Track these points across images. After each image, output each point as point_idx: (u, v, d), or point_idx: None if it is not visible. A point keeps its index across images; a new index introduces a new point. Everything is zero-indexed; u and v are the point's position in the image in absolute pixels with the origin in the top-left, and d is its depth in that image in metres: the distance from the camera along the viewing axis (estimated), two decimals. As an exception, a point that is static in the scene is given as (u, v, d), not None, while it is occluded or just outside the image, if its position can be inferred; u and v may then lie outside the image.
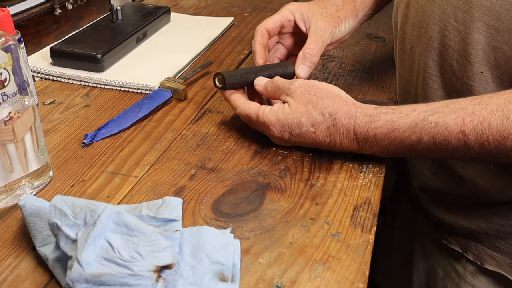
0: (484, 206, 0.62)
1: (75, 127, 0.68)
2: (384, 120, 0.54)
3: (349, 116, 0.56)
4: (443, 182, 0.65)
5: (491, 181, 0.59)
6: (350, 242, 0.49)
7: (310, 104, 0.57)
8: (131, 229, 0.42)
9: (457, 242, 0.66)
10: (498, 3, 0.50)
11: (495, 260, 0.63)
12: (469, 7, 0.52)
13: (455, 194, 0.64)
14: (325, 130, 0.57)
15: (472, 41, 0.53)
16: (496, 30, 0.51)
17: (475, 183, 0.61)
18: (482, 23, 0.52)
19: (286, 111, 0.58)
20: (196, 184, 0.57)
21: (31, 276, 0.46)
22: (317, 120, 0.57)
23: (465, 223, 0.63)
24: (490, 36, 0.52)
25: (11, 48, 0.50)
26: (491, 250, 0.63)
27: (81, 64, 0.81)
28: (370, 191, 0.56)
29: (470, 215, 0.63)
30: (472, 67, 0.54)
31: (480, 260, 0.64)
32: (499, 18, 0.51)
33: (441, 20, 0.56)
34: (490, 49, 0.53)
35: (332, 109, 0.56)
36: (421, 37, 0.59)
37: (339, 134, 0.56)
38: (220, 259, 0.45)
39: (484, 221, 0.62)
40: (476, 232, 0.63)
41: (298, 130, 0.58)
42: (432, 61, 0.58)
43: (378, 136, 0.54)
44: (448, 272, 0.68)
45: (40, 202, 0.48)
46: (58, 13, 0.94)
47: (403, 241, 0.80)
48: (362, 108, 0.56)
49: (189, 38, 0.95)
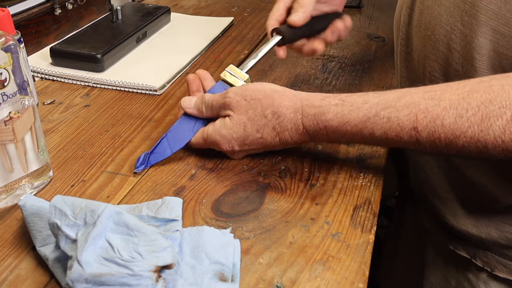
0: (495, 214, 0.60)
1: (75, 127, 0.68)
2: (334, 112, 0.52)
3: (294, 110, 0.54)
4: (453, 186, 0.64)
5: (504, 187, 0.58)
6: (350, 242, 0.49)
7: (250, 110, 0.56)
8: (131, 229, 0.42)
9: (464, 248, 0.65)
10: (506, 7, 0.49)
11: (506, 267, 0.61)
12: (476, 11, 0.51)
13: (465, 199, 0.63)
14: (272, 131, 0.56)
15: (477, 45, 0.52)
16: (503, 35, 0.50)
17: (486, 188, 0.59)
18: (489, 28, 0.51)
19: (229, 126, 0.57)
20: (196, 184, 0.57)
21: (31, 276, 0.46)
22: (261, 123, 0.55)
23: (474, 231, 0.62)
24: (496, 41, 0.51)
25: (11, 48, 0.50)
26: (501, 258, 0.61)
27: (81, 64, 0.81)
28: (370, 191, 0.56)
29: (480, 223, 0.61)
30: (477, 72, 0.53)
31: (490, 267, 0.62)
32: (506, 23, 0.49)
33: (448, 23, 0.54)
34: (495, 54, 0.51)
35: (274, 108, 0.55)
36: (427, 39, 0.58)
37: (287, 130, 0.55)
38: (220, 259, 0.45)
39: (495, 230, 0.60)
40: (486, 240, 0.61)
41: (246, 140, 0.57)
42: (438, 65, 0.57)
43: (328, 129, 0.53)
44: (461, 282, 0.66)
45: (40, 202, 0.48)
46: (58, 13, 0.94)
47: (410, 245, 0.79)
48: (307, 99, 0.54)
49: (189, 38, 0.95)
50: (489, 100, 0.45)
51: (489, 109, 0.45)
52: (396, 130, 0.49)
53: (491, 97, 0.45)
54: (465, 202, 0.63)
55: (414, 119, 0.48)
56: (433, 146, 0.49)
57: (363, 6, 1.11)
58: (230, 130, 0.57)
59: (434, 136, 0.48)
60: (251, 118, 0.56)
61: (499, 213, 0.59)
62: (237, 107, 0.56)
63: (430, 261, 0.73)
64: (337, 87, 0.78)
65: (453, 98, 0.47)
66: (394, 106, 0.50)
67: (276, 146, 0.57)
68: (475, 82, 0.48)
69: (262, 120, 0.55)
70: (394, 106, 0.50)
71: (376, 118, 0.50)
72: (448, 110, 0.47)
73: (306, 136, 0.55)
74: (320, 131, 0.54)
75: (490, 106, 0.45)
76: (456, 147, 0.47)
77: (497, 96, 0.45)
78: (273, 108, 0.55)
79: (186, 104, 0.61)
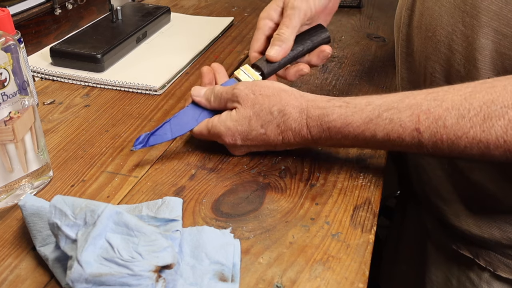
0: (498, 214, 0.60)
1: (75, 127, 0.68)
2: (338, 113, 0.52)
3: (300, 110, 0.54)
4: (456, 187, 0.63)
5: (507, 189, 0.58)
6: (350, 242, 0.49)
7: (257, 105, 0.56)
8: (131, 229, 0.42)
9: (467, 248, 0.65)
10: (507, 8, 0.49)
11: (509, 267, 0.61)
12: (477, 12, 0.51)
13: (468, 200, 0.63)
14: (276, 128, 0.56)
15: (479, 46, 0.52)
16: (505, 36, 0.50)
17: (489, 189, 0.59)
18: (490, 29, 0.50)
19: (234, 118, 0.57)
20: (196, 184, 0.57)
21: (31, 276, 0.46)
22: (266, 119, 0.56)
23: (477, 232, 0.62)
24: (498, 42, 0.51)
25: (11, 48, 0.50)
26: (504, 258, 0.61)
27: (81, 64, 0.81)
28: (370, 191, 0.56)
29: (483, 223, 0.61)
30: (479, 73, 0.53)
31: (493, 266, 0.62)
32: (508, 24, 0.49)
33: (449, 24, 0.54)
34: (497, 55, 0.51)
35: (280, 105, 0.55)
36: (428, 40, 0.58)
37: (291, 130, 0.55)
38: (220, 259, 0.45)
39: (497, 230, 0.60)
40: (489, 240, 0.61)
41: (249, 135, 0.57)
42: (439, 66, 0.57)
43: (332, 130, 0.53)
44: (462, 281, 0.66)
45: (40, 202, 0.48)
46: (58, 13, 0.94)
47: (412, 245, 0.78)
48: (313, 100, 0.55)
49: (189, 38, 0.95)
50: (491, 100, 0.45)
51: (491, 109, 0.45)
52: (398, 132, 0.49)
53: (493, 97, 0.45)
54: (468, 203, 0.62)
55: (416, 120, 0.48)
56: (435, 148, 0.48)
57: (363, 6, 1.11)
58: (236, 122, 0.57)
59: (436, 137, 0.48)
60: (256, 113, 0.56)
61: (502, 214, 0.59)
62: (244, 100, 0.57)
63: (432, 262, 0.73)
64: (337, 87, 0.78)
65: (455, 98, 0.47)
66: (396, 107, 0.50)
67: (278, 145, 0.57)
68: (478, 83, 0.48)
69: (268, 116, 0.55)
70: (397, 108, 0.50)
71: (379, 119, 0.50)
72: (450, 110, 0.47)
73: (308, 137, 0.55)
74: (323, 133, 0.54)
75: (492, 106, 0.45)
76: (458, 148, 0.47)
77: (499, 96, 0.45)
78: (280, 106, 0.55)
79: (196, 92, 0.62)
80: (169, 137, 0.60)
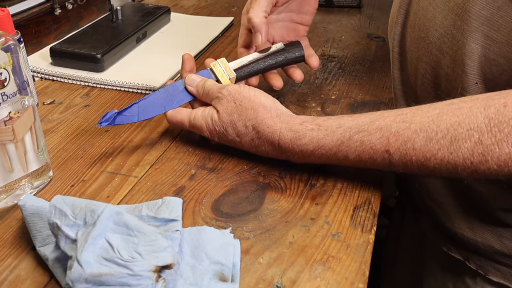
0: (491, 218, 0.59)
1: (75, 127, 0.68)
2: (310, 137, 0.54)
3: (273, 131, 0.55)
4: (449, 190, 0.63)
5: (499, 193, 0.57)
6: (350, 242, 0.49)
7: (235, 114, 0.57)
8: (131, 229, 0.42)
9: (458, 251, 0.64)
10: (499, 14, 0.48)
11: (500, 271, 0.61)
12: (468, 16, 0.50)
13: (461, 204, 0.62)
14: (250, 141, 0.57)
15: (468, 51, 0.52)
16: (494, 41, 0.50)
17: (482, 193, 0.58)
18: (481, 34, 0.50)
19: (214, 118, 0.59)
20: (196, 184, 0.57)
21: (31, 276, 0.46)
22: (241, 131, 0.57)
23: (470, 235, 0.61)
24: (487, 47, 0.50)
25: (11, 48, 0.50)
26: (494, 263, 0.61)
27: (81, 64, 0.81)
28: (370, 191, 0.56)
29: (476, 226, 0.61)
30: (467, 77, 0.53)
31: (484, 270, 0.62)
32: (498, 29, 0.49)
33: (441, 26, 0.54)
34: (486, 60, 0.51)
35: (255, 122, 0.56)
36: (420, 41, 0.57)
37: (264, 146, 0.57)
38: (220, 259, 0.45)
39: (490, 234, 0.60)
40: (481, 244, 0.61)
41: (226, 138, 0.59)
42: (430, 67, 0.57)
43: (304, 153, 0.54)
44: (458, 286, 0.66)
45: (40, 202, 0.48)
46: (58, 13, 0.94)
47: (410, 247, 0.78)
48: (287, 122, 0.55)
49: (189, 38, 0.95)
50: (458, 122, 0.46)
51: (457, 131, 0.46)
52: (369, 153, 0.51)
53: (459, 119, 0.46)
54: (461, 206, 0.62)
55: (386, 142, 0.49)
56: (405, 168, 0.49)
57: (363, 6, 1.11)
58: (215, 123, 0.59)
59: (406, 158, 0.49)
60: (233, 122, 0.58)
61: (495, 217, 0.59)
62: (226, 106, 0.58)
63: (428, 264, 0.73)
64: (337, 87, 0.78)
65: (423, 120, 0.48)
66: (367, 129, 0.51)
67: (253, 152, 0.59)
68: (445, 104, 0.48)
69: (243, 129, 0.57)
70: (367, 130, 0.51)
71: (350, 141, 0.51)
72: (418, 133, 0.48)
73: (283, 155, 0.57)
74: (296, 154, 0.55)
75: (458, 129, 0.46)
76: (428, 168, 0.48)
77: (465, 118, 0.46)
78: (255, 122, 0.56)
79: (189, 82, 0.64)
80: (135, 120, 0.61)
